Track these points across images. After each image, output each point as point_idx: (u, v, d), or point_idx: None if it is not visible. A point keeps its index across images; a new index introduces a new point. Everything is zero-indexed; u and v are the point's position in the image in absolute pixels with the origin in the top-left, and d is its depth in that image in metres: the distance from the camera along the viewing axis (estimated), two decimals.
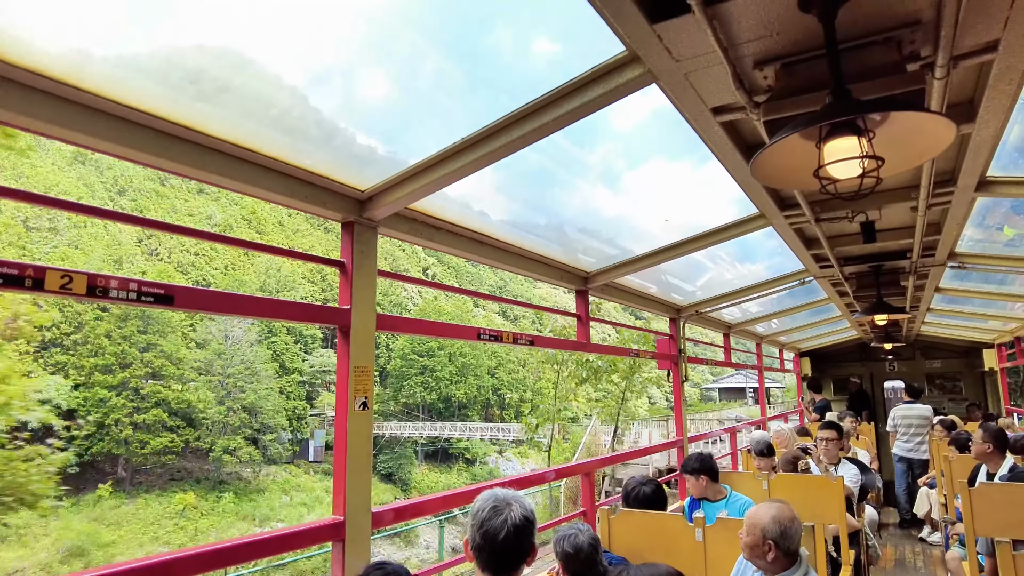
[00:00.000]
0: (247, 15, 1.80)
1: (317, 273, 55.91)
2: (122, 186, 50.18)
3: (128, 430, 35.43)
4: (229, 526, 34.74)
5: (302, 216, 61.92)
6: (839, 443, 5.55)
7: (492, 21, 2.26)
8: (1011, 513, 4.03)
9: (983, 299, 6.85)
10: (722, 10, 1.71)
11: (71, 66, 1.64)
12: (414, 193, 2.53)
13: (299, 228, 62.57)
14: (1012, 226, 4.49)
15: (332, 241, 63.00)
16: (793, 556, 2.66)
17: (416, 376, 55.73)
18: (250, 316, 2.24)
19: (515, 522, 1.80)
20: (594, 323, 5.15)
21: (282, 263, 52.65)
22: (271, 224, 60.14)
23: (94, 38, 1.63)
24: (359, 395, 2.49)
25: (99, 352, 35.70)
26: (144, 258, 45.78)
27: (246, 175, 2.19)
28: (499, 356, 61.26)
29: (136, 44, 1.72)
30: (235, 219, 56.31)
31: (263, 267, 51.72)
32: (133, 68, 1.75)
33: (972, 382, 11.12)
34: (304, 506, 38.61)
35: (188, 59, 1.81)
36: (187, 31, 1.74)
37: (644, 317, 72.68)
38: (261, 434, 41.14)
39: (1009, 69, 2.01)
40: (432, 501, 2.93)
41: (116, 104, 1.79)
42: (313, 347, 52.71)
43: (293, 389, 46.90)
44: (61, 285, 1.69)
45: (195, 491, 36.51)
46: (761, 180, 2.06)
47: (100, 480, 34.42)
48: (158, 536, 32.61)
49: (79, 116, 1.74)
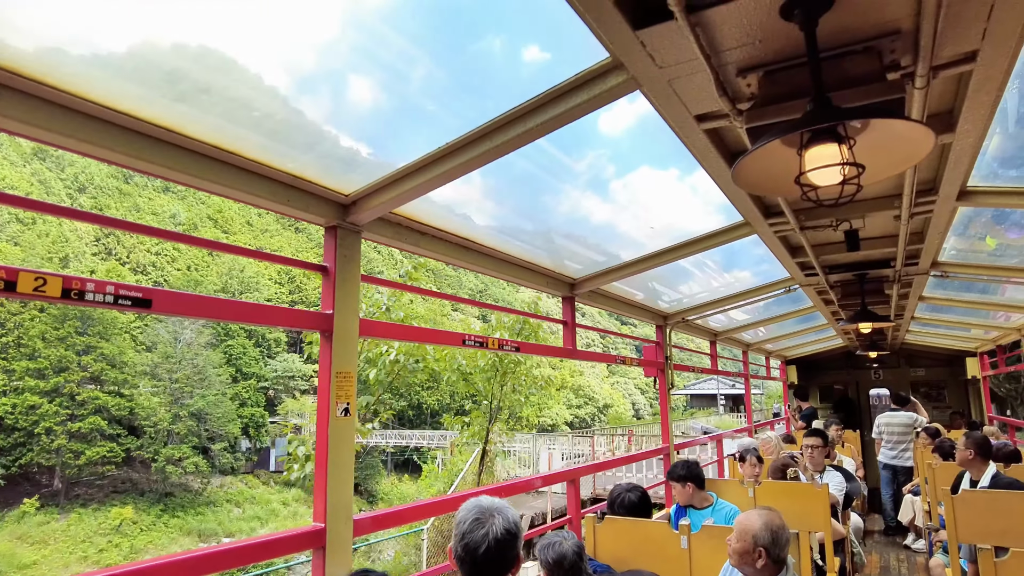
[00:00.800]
0: (231, 17, 1.79)
1: (284, 274, 54.41)
2: (82, 183, 48.43)
3: (62, 439, 33.18)
4: (171, 542, 32.60)
5: (271, 216, 60.87)
6: (824, 450, 5.57)
7: (479, 27, 2.25)
8: (993, 520, 4.06)
9: (966, 308, 6.93)
10: (705, 17, 1.72)
11: (46, 65, 1.62)
12: (399, 197, 2.52)
13: (268, 228, 60.99)
14: (994, 236, 4.55)
15: (302, 241, 61.80)
16: (781, 563, 2.66)
17: None
18: (231, 320, 2.21)
19: (496, 535, 1.78)
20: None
21: (246, 264, 50.78)
22: (238, 224, 58.39)
23: (70, 36, 1.61)
24: (341, 401, 2.46)
25: (33, 355, 33.45)
26: (93, 257, 43.53)
27: (227, 178, 2.17)
28: (475, 362, 59.78)
29: (113, 43, 1.69)
30: (201, 218, 54.70)
31: (225, 268, 50.02)
32: (110, 67, 1.73)
33: (955, 390, 11.23)
34: (257, 520, 35.87)
35: (168, 60, 1.79)
36: (167, 30, 1.72)
37: (630, 323, 72.57)
38: (212, 443, 38.91)
39: (987, 79, 2.03)
40: (414, 509, 2.91)
41: (93, 104, 1.76)
42: (277, 351, 50.69)
43: (251, 395, 44.76)
44: (35, 288, 1.66)
45: (137, 504, 34.23)
46: (743, 187, 2.07)
47: (28, 494, 32.15)
48: (87, 555, 30.02)
49: (55, 115, 1.71)
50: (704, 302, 6.31)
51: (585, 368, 72.72)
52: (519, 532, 1.85)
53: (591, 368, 74.17)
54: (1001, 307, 6.61)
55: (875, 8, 1.71)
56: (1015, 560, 3.12)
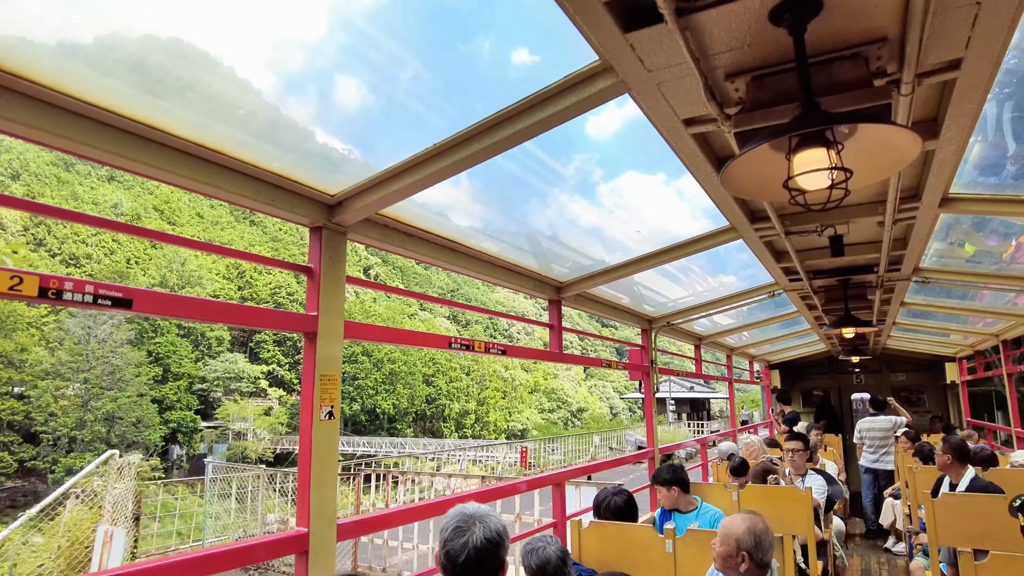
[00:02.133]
0: (217, 16, 1.76)
1: (233, 269, 51.81)
2: (15, 170, 45.44)
3: None
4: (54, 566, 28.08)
5: (223, 208, 58.92)
6: (805, 454, 5.62)
7: (468, 29, 2.25)
8: (972, 523, 4.11)
9: (945, 313, 7.03)
10: (695, 21, 1.72)
11: (9, 51, 1.57)
12: (385, 199, 2.50)
13: (219, 220, 58.16)
14: (972, 243, 4.62)
15: (255, 235, 59.79)
16: (765, 567, 2.67)
17: None
18: (213, 321, 2.17)
19: (476, 544, 1.76)
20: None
21: (187, 257, 47.70)
22: (187, 215, 55.42)
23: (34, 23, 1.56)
24: (325, 404, 2.43)
25: None
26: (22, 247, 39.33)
27: (210, 176, 2.13)
28: (438, 363, 56.42)
29: (89, 36, 1.66)
30: (146, 208, 51.84)
31: (165, 260, 46.89)
32: (88, 62, 1.69)
33: (935, 395, 11.39)
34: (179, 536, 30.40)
35: (151, 56, 1.76)
36: (149, 26, 1.69)
37: (611, 325, 72.10)
38: (128, 450, 32.91)
39: (971, 87, 2.06)
40: (398, 513, 2.88)
41: (74, 99, 1.73)
42: (219, 350, 47.20)
43: (180, 397, 41.12)
44: (10, 287, 1.61)
45: None
46: (732, 191, 2.07)
47: None
48: None
49: (18, 105, 1.66)
50: (689, 306, 6.34)
51: (560, 370, 71.31)
52: (501, 541, 1.83)
53: (566, 370, 72.77)
54: (979, 313, 6.71)
55: (863, 15, 1.73)
56: (994, 563, 3.16)
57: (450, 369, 57.58)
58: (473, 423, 57.31)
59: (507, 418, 59.68)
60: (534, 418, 61.51)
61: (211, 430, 42.41)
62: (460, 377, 58.06)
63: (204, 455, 38.12)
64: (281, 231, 64.27)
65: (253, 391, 47.75)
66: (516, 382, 63.50)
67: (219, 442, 41.64)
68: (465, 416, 57.11)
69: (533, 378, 66.66)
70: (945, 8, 1.67)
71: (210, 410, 43.92)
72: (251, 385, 47.56)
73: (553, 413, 65.44)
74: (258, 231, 61.82)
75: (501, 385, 61.90)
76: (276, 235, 63.14)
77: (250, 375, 47.46)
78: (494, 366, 61.51)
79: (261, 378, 48.77)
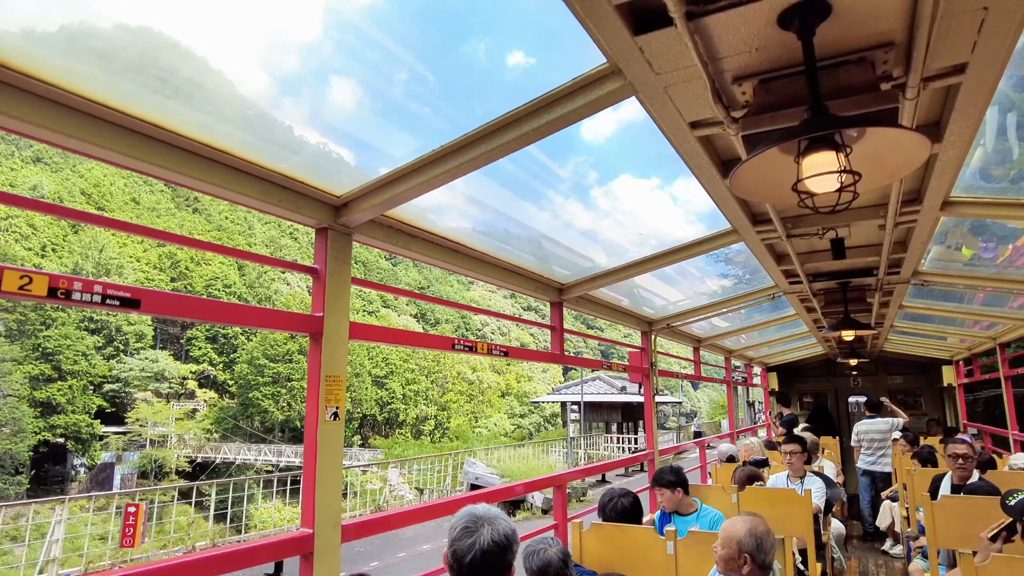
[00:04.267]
0: (220, 18, 1.76)
1: (166, 258, 48.70)
2: None
3: None
4: None
5: (164, 193, 55.85)
6: (803, 456, 5.63)
7: (472, 30, 2.25)
8: (971, 525, 4.12)
9: (943, 316, 7.06)
10: (704, 24, 1.73)
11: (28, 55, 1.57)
12: (390, 200, 2.50)
13: (157, 206, 54.63)
14: (969, 247, 4.64)
15: (198, 223, 56.67)
16: (766, 569, 2.67)
17: (266, 387, 43.06)
18: (221, 321, 2.17)
19: (483, 546, 1.76)
20: None
21: (106, 240, 44.80)
22: (120, 200, 51.85)
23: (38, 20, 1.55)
24: (330, 405, 2.43)
25: None
26: None
27: (216, 176, 2.13)
28: (391, 363, 51.44)
29: (101, 35, 1.66)
30: (72, 192, 48.42)
31: (81, 247, 43.86)
32: (100, 62, 1.69)
33: (932, 398, 11.43)
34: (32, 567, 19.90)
35: (161, 57, 1.76)
36: (159, 27, 1.69)
37: (597, 326, 70.89)
38: None
39: (976, 92, 2.07)
40: (402, 514, 2.87)
41: (84, 100, 1.73)
42: (138, 347, 43.12)
43: (72, 399, 36.11)
44: (20, 286, 1.61)
45: None
46: (740, 193, 2.08)
47: None
48: None
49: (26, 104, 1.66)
50: (689, 308, 6.35)
51: (536, 372, 68.27)
52: (510, 543, 1.83)
53: (543, 372, 69.60)
54: (977, 316, 6.74)
55: (870, 20, 1.74)
56: (994, 565, 3.17)
57: (407, 370, 52.95)
58: (432, 429, 53.46)
59: (472, 423, 55.52)
60: (503, 424, 57.31)
61: (119, 436, 37.40)
62: (418, 379, 53.66)
63: (111, 464, 34.87)
64: (228, 220, 60.73)
65: (179, 392, 43.98)
66: (484, 384, 60.17)
67: (129, 450, 36.74)
68: (423, 422, 53.42)
69: (505, 380, 63.17)
70: (952, 13, 1.68)
71: (122, 413, 39.09)
72: (177, 386, 43.80)
73: (525, 419, 61.01)
74: (201, 219, 58.36)
75: (466, 388, 58.32)
76: (221, 224, 59.87)
77: (177, 375, 43.64)
78: (460, 367, 57.87)
79: (190, 378, 44.81)
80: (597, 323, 68.65)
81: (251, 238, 61.11)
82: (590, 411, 36.23)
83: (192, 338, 48.34)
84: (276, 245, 62.65)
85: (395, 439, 47.77)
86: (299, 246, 64.15)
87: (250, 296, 51.51)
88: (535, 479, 4.57)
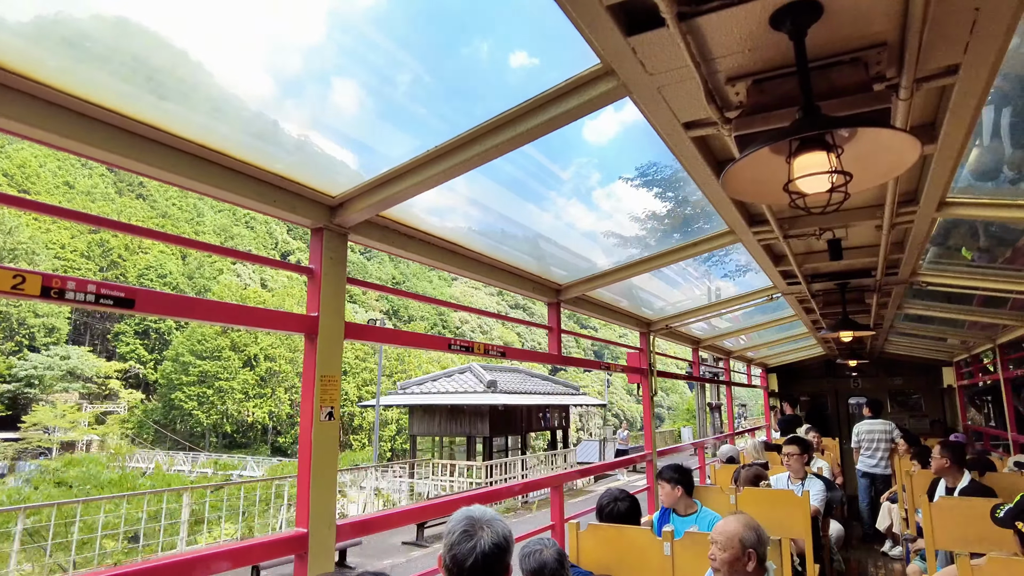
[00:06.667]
0: (219, 19, 1.77)
1: (95, 246, 44.66)
2: None
3: None
4: None
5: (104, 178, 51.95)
6: (803, 458, 5.62)
7: (469, 31, 2.26)
8: (969, 527, 4.12)
9: (942, 317, 7.05)
10: (696, 25, 1.73)
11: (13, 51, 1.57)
12: (386, 200, 2.51)
13: (93, 191, 49.65)
14: (969, 248, 4.64)
15: (142, 209, 52.92)
16: (763, 563, 2.67)
17: (191, 387, 39.12)
18: (215, 321, 2.18)
19: (484, 549, 1.77)
20: None
21: (13, 224, 40.03)
22: (50, 184, 46.66)
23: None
24: (325, 405, 2.43)
25: None
26: None
27: (211, 177, 2.14)
28: (346, 362, 44.37)
29: (92, 35, 1.66)
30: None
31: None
32: (89, 60, 1.70)
33: (932, 399, 11.42)
34: None
35: (153, 56, 1.77)
36: (153, 24, 1.70)
37: (591, 325, 69.77)
38: None
39: (969, 93, 2.07)
40: (398, 514, 2.88)
41: (78, 100, 1.73)
42: (47, 341, 38.53)
43: None
44: (13, 285, 1.62)
45: None
46: (732, 193, 2.09)
47: None
48: None
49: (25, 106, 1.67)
50: (687, 309, 6.35)
51: None
52: (508, 545, 1.84)
53: None
54: (976, 317, 6.73)
55: (862, 20, 1.74)
56: (992, 566, 3.16)
57: (362, 370, 47.23)
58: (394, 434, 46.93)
59: None
60: None
61: (9, 444, 32.25)
62: (374, 380, 45.44)
63: None
64: (175, 207, 56.77)
65: (99, 393, 39.25)
66: None
67: (22, 459, 31.41)
68: (386, 426, 46.36)
69: None
70: (944, 14, 1.68)
71: (17, 415, 33.96)
72: (96, 386, 38.97)
73: None
74: (146, 205, 54.49)
75: None
76: (167, 211, 55.83)
77: (97, 373, 38.78)
78: (428, 367, 50.23)
79: (114, 377, 40.17)
80: (591, 322, 67.28)
81: (200, 226, 56.76)
82: (432, 418, 21.74)
83: (120, 333, 43.96)
84: (228, 234, 58.76)
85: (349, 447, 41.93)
86: (255, 235, 60.69)
87: (188, 287, 46.89)
88: (531, 480, 4.57)
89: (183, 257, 49.97)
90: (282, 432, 42.12)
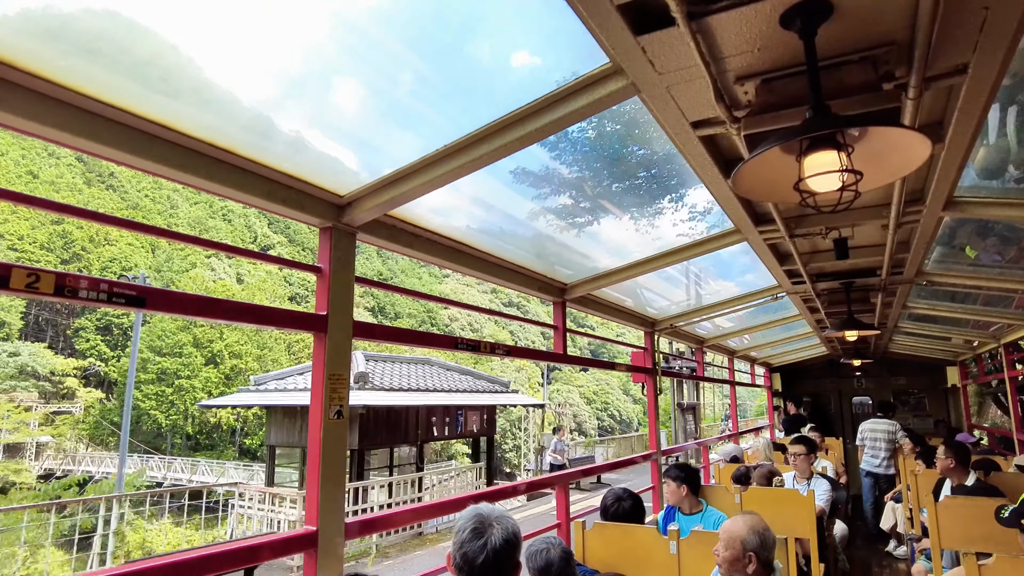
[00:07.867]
0: (225, 20, 1.78)
1: (59, 237, 42.13)
2: None
3: None
4: None
5: (72, 168, 49.38)
6: (809, 458, 5.63)
7: (475, 29, 2.26)
8: (975, 526, 4.11)
9: (947, 316, 7.04)
10: (706, 24, 1.74)
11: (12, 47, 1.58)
12: (394, 200, 2.51)
13: (58, 181, 46.43)
14: (974, 247, 4.63)
15: (112, 200, 49.97)
16: (769, 566, 2.67)
17: (149, 385, 36.65)
18: (225, 320, 2.19)
19: (495, 547, 1.78)
20: None
21: None
22: (12, 173, 42.67)
23: None
24: (335, 403, 2.44)
25: None
26: None
27: (221, 175, 2.15)
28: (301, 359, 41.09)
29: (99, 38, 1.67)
30: None
31: None
32: (94, 59, 1.71)
33: (936, 398, 11.40)
34: None
35: (163, 55, 1.78)
36: (157, 23, 1.71)
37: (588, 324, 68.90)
38: None
39: (977, 92, 2.07)
40: (406, 512, 2.89)
41: (94, 101, 1.74)
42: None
43: None
44: (27, 284, 1.63)
45: None
46: (742, 192, 2.09)
47: None
48: None
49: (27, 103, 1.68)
50: (692, 308, 6.35)
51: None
52: (518, 542, 1.85)
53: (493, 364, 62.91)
54: (980, 316, 6.72)
55: (872, 19, 1.75)
56: (998, 565, 3.16)
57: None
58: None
59: None
60: None
61: None
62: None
63: None
64: (148, 198, 54.42)
65: (54, 392, 37.00)
66: None
67: None
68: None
69: None
70: (954, 12, 1.68)
71: None
72: (51, 384, 36.70)
73: None
74: (116, 196, 51.85)
75: None
76: (138, 202, 53.40)
77: (52, 371, 36.51)
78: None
79: (72, 374, 37.88)
80: (588, 320, 66.68)
81: (173, 218, 54.51)
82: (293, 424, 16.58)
83: (80, 328, 41.43)
84: (203, 226, 56.18)
85: None
86: (232, 228, 58.41)
87: (155, 280, 43.81)
88: (536, 479, 4.58)
89: (152, 250, 47.59)
90: (250, 433, 38.83)
